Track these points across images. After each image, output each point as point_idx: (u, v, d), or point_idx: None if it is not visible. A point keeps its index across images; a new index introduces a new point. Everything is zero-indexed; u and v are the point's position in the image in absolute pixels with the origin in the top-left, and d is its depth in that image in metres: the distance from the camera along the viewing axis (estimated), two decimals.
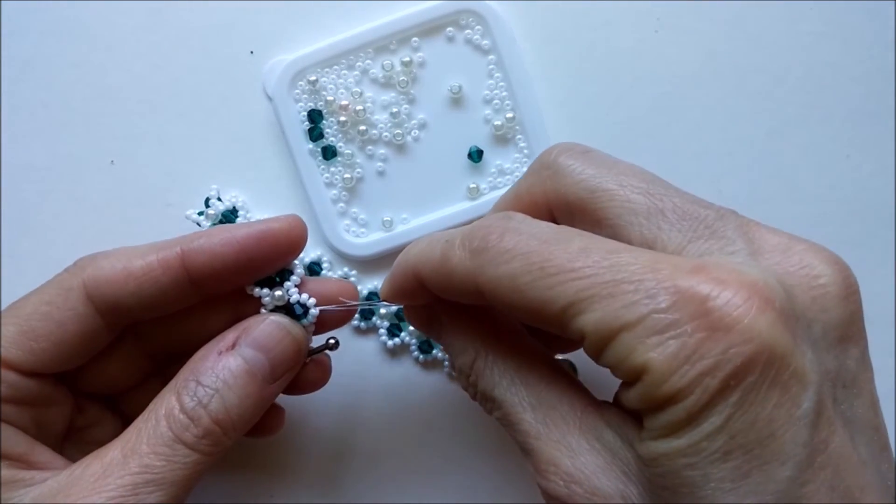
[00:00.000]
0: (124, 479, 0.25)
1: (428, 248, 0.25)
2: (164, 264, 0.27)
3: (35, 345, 0.27)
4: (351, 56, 0.35)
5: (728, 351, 0.19)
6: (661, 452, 0.20)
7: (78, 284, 0.27)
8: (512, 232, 0.22)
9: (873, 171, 0.36)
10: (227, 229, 0.28)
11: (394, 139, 0.36)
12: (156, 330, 0.30)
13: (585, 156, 0.25)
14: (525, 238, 0.22)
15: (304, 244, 0.29)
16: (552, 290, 0.21)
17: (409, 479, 0.36)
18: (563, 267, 0.21)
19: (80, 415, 0.30)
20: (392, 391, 0.36)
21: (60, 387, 0.29)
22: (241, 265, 0.28)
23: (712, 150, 0.36)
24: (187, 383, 0.26)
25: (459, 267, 0.23)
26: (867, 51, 0.36)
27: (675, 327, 0.19)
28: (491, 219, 0.24)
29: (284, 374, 0.28)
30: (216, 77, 0.36)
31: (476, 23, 0.35)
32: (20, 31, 0.36)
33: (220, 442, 0.26)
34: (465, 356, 0.26)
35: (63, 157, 0.36)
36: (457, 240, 0.24)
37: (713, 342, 0.19)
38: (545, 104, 0.36)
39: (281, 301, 0.29)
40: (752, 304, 0.19)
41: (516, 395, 0.24)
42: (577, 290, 0.20)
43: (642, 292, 0.20)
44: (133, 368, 0.31)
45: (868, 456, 0.21)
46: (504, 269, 0.22)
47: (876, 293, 0.36)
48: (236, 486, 0.36)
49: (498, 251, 0.22)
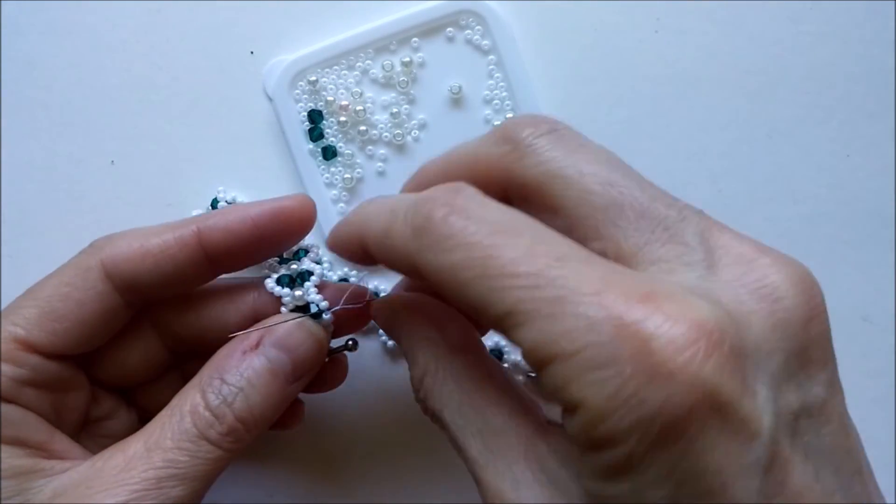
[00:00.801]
0: (148, 472, 0.25)
1: (374, 214, 0.24)
2: (181, 242, 0.28)
3: (57, 325, 0.27)
4: (351, 56, 0.35)
5: (669, 399, 0.17)
6: (608, 494, 0.19)
7: (96, 264, 0.28)
8: (458, 213, 0.21)
9: (873, 171, 0.36)
10: (241, 208, 0.29)
11: (394, 139, 0.36)
12: (174, 320, 0.30)
13: (552, 135, 0.23)
14: (471, 224, 0.20)
15: (313, 222, 0.29)
16: (491, 293, 0.19)
17: (409, 479, 0.36)
18: (504, 270, 0.19)
19: (96, 405, 0.30)
20: (392, 391, 0.36)
21: (80, 373, 0.29)
22: (255, 242, 0.28)
23: (712, 150, 0.36)
24: (212, 381, 0.27)
25: (399, 244, 0.22)
26: (867, 51, 0.36)
27: (614, 365, 0.18)
28: (440, 190, 0.22)
29: (306, 374, 0.28)
30: (216, 77, 0.36)
31: (476, 23, 0.35)
32: (20, 31, 0.36)
33: (243, 439, 0.27)
34: (416, 369, 0.25)
35: (63, 157, 0.36)
36: (401, 212, 0.22)
37: (653, 388, 0.17)
38: (545, 104, 0.36)
39: (300, 301, 0.29)
40: (698, 348, 0.17)
41: (463, 418, 0.23)
42: (517, 299, 0.19)
43: (583, 319, 0.18)
44: (151, 360, 0.31)
45: (836, 484, 0.20)
46: (444, 259, 0.20)
47: (876, 293, 0.36)
48: (236, 485, 0.36)
49: (440, 235, 0.20)
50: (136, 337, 0.30)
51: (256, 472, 0.36)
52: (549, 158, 0.23)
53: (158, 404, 0.28)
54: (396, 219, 0.22)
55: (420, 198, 0.22)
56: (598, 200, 0.22)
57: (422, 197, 0.22)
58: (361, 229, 0.25)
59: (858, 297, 0.36)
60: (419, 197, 0.22)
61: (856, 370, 0.35)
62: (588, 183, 0.22)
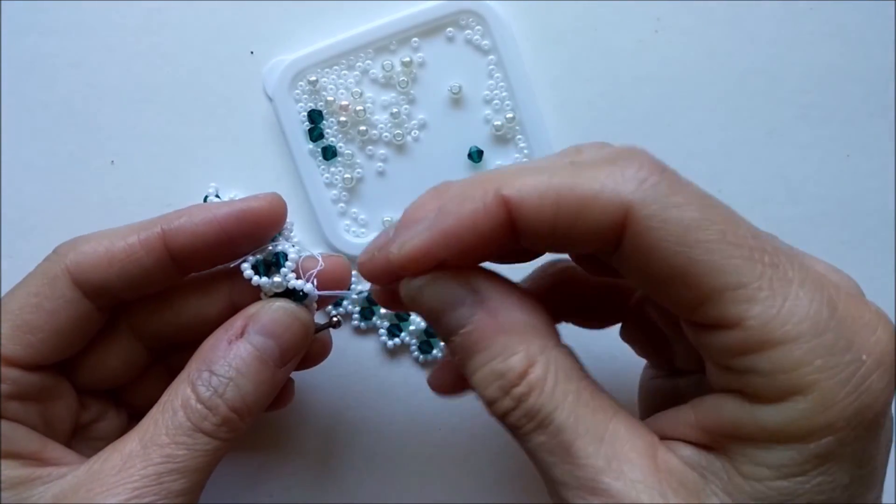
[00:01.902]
0: (147, 469, 0.25)
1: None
2: (146, 245, 0.28)
3: (31, 337, 0.27)
4: (351, 56, 0.35)
5: (887, 387, 0.18)
6: (792, 491, 0.18)
7: (62, 271, 0.28)
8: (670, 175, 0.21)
9: (873, 171, 0.36)
10: (208, 208, 0.28)
11: (394, 139, 0.36)
12: (150, 319, 0.30)
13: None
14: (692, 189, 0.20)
15: (283, 221, 0.29)
16: (728, 261, 0.19)
17: (408, 479, 0.36)
18: (740, 240, 0.19)
19: (84, 410, 0.30)
20: (392, 391, 0.36)
21: (63, 380, 0.29)
22: (223, 243, 0.28)
23: (712, 150, 0.36)
24: (200, 373, 0.27)
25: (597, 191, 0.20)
26: (867, 51, 0.36)
27: (851, 351, 0.18)
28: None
29: (294, 358, 0.28)
30: (216, 77, 0.36)
31: (476, 23, 0.35)
32: (20, 31, 0.36)
33: (238, 428, 0.27)
34: (514, 359, 0.21)
35: (63, 157, 0.36)
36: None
37: (878, 376, 0.18)
38: (545, 104, 0.36)
39: (280, 288, 0.29)
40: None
41: (582, 422, 0.20)
42: (753, 272, 0.18)
43: (819, 303, 0.18)
44: (132, 360, 0.31)
45: None
46: (681, 216, 0.19)
47: (876, 293, 0.36)
48: (236, 485, 0.36)
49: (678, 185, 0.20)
50: (114, 339, 0.30)
51: (256, 472, 0.36)
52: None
53: (147, 400, 0.27)
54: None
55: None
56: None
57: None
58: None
59: None
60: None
61: None
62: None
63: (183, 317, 0.30)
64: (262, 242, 0.29)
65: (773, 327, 0.18)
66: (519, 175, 0.21)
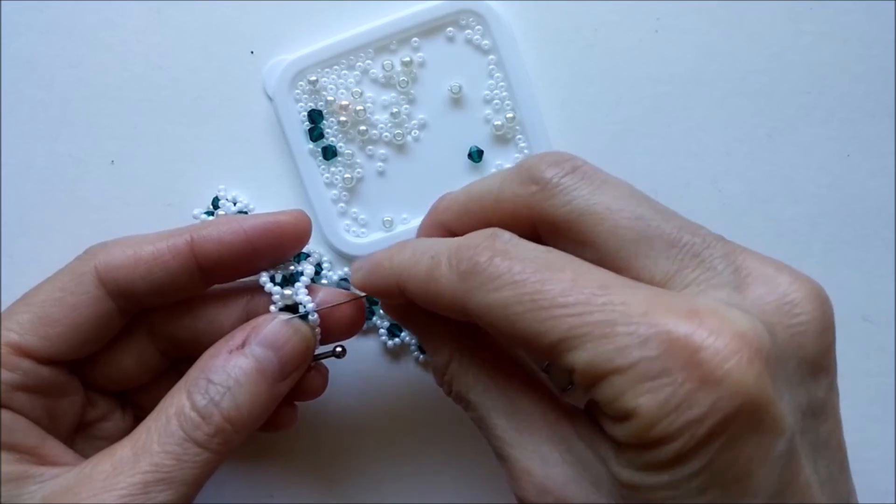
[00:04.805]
0: (135, 477, 0.25)
1: (412, 260, 0.25)
2: (174, 250, 0.28)
3: (50, 330, 0.27)
4: (351, 56, 0.35)
5: (716, 403, 0.19)
6: (645, 484, 0.21)
7: (90, 269, 0.28)
8: (501, 255, 0.23)
9: (873, 171, 0.36)
10: (236, 220, 0.29)
11: (394, 139, 0.36)
12: (168, 325, 0.30)
13: (576, 173, 0.25)
14: (516, 264, 0.22)
15: (307, 238, 0.30)
16: (543, 323, 0.21)
17: (409, 479, 0.36)
18: (555, 301, 0.21)
19: (91, 408, 0.30)
20: (392, 391, 0.36)
21: (73, 378, 0.29)
22: (248, 255, 0.29)
23: (712, 149, 0.36)
24: (198, 381, 0.27)
25: (447, 288, 0.24)
26: (867, 51, 0.36)
27: (666, 375, 0.20)
28: (479, 236, 0.24)
29: (293, 372, 0.28)
30: (216, 77, 0.36)
31: (476, 23, 0.35)
32: (20, 31, 0.36)
33: (231, 440, 0.26)
34: (440, 356, 0.27)
35: (63, 157, 0.36)
36: (443, 258, 0.24)
37: (703, 393, 0.19)
38: (545, 104, 0.36)
39: (289, 300, 0.29)
40: (741, 357, 0.20)
41: (491, 399, 0.25)
42: (569, 326, 0.21)
43: (635, 337, 0.20)
44: (146, 364, 0.31)
45: (827, 476, 0.22)
46: (494, 297, 0.22)
47: (876, 293, 0.36)
48: (236, 485, 0.36)
49: (488, 276, 0.22)
50: (131, 341, 0.30)
51: (256, 472, 0.36)
52: (577, 197, 0.24)
53: (155, 405, 0.27)
54: (439, 265, 0.24)
55: (460, 244, 0.24)
56: (629, 234, 0.23)
57: (462, 243, 0.24)
58: (400, 276, 0.26)
59: (858, 296, 0.36)
60: (459, 243, 0.24)
61: (856, 370, 0.35)
62: (618, 218, 0.24)
63: (199, 324, 0.30)
64: (284, 259, 0.30)
65: (603, 363, 0.20)
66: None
